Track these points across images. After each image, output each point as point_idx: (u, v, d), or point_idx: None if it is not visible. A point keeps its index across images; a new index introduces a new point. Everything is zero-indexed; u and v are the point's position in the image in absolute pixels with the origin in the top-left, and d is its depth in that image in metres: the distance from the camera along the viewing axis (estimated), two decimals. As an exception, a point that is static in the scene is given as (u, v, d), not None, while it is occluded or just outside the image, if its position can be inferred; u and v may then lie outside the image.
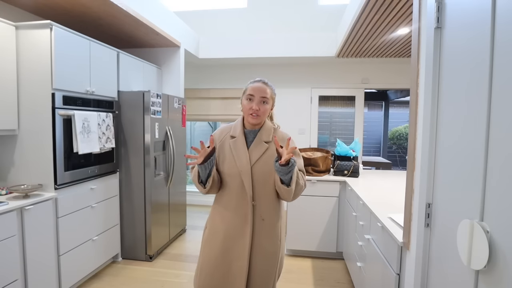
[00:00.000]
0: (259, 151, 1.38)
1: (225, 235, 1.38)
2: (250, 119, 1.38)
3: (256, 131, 1.43)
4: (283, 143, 1.42)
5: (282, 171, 1.25)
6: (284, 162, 1.21)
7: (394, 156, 8.46)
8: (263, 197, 1.37)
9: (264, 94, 1.37)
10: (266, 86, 1.39)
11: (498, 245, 0.76)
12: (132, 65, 3.11)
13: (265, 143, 1.40)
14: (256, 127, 1.43)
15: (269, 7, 4.47)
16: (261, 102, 1.37)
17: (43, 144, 2.14)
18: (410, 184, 1.32)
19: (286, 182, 1.29)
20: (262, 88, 1.37)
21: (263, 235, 1.37)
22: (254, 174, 1.35)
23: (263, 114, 1.38)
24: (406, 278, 1.37)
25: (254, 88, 1.37)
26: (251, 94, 1.37)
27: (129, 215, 2.97)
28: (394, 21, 2.71)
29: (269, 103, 1.40)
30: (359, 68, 4.57)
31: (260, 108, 1.36)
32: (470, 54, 0.91)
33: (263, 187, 1.37)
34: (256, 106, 1.36)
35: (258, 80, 1.41)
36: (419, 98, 1.26)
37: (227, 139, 1.43)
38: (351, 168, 3.14)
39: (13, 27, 2.09)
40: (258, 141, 1.40)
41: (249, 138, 1.43)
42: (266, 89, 1.38)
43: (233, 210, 1.37)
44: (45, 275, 2.08)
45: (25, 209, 1.91)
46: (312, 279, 2.69)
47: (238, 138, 1.41)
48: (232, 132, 1.45)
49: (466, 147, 0.92)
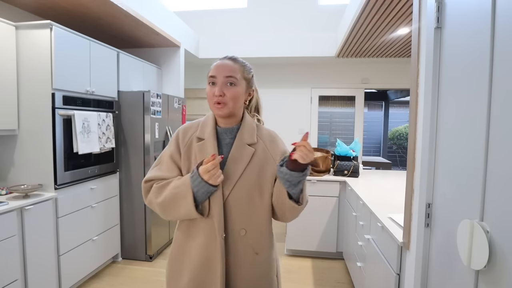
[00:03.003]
0: (242, 159, 1.00)
1: (190, 278, 0.99)
2: (214, 110, 1.01)
3: (234, 129, 1.04)
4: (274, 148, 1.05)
5: (292, 179, 0.91)
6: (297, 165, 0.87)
7: (394, 156, 8.46)
8: (254, 223, 1.00)
9: (229, 72, 0.98)
10: (233, 62, 1.02)
11: (498, 245, 0.76)
12: (132, 65, 3.11)
13: (249, 146, 1.02)
14: (233, 123, 1.05)
15: (269, 7, 4.47)
16: (226, 84, 0.98)
17: (43, 144, 2.14)
18: (410, 184, 1.32)
19: (295, 196, 0.95)
20: (226, 65, 1.00)
21: (257, 274, 1.01)
22: (238, 192, 0.98)
23: (231, 100, 0.98)
24: (406, 278, 1.37)
25: (216, 67, 1.00)
26: (212, 76, 1.00)
27: (129, 215, 2.97)
28: (394, 21, 2.71)
29: (240, 85, 1.00)
30: (359, 68, 4.57)
31: (226, 93, 0.97)
32: (470, 54, 0.91)
33: (253, 210, 1.00)
34: (219, 90, 0.97)
35: (222, 58, 1.04)
36: (419, 98, 1.26)
37: (194, 142, 1.04)
38: (351, 168, 3.14)
39: (13, 27, 2.09)
40: (239, 144, 1.01)
41: (223, 139, 1.04)
42: (233, 66, 1.00)
43: (200, 241, 0.99)
44: (45, 275, 2.08)
45: (25, 209, 1.91)
46: (312, 279, 2.69)
47: (207, 140, 1.02)
48: (199, 132, 1.05)
49: (466, 147, 0.92)
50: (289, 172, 0.90)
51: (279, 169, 0.93)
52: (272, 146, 1.05)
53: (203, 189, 0.93)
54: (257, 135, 1.05)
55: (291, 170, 0.90)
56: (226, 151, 1.03)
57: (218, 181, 0.93)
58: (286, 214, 1.00)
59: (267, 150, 1.04)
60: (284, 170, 0.91)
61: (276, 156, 1.03)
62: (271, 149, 1.04)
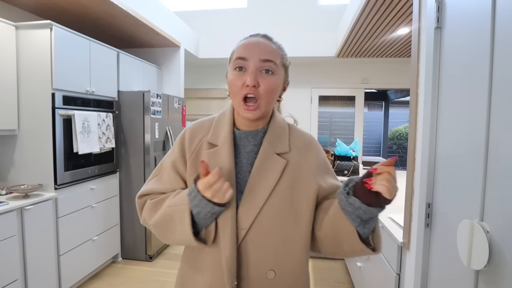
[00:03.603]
0: (271, 174, 0.74)
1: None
2: (242, 111, 0.73)
3: (259, 132, 0.79)
4: (311, 158, 0.79)
5: (367, 216, 0.65)
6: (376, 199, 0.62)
7: (394, 156, 8.45)
8: (288, 262, 0.75)
9: (267, 54, 0.72)
10: (270, 42, 0.76)
11: (498, 245, 0.76)
12: (132, 65, 3.11)
13: (280, 156, 0.76)
14: (259, 125, 0.79)
15: (269, 7, 4.46)
16: (260, 71, 0.72)
17: (43, 144, 2.14)
18: (410, 184, 1.32)
19: (365, 236, 0.69)
20: (262, 45, 0.74)
21: None
22: (265, 219, 0.72)
23: (266, 95, 0.72)
24: (406, 278, 1.37)
25: (248, 45, 0.74)
26: (241, 58, 0.72)
27: (129, 215, 2.97)
28: (394, 21, 2.70)
29: (278, 74, 0.75)
30: (359, 68, 4.57)
31: (261, 83, 0.71)
32: (470, 54, 0.91)
33: (287, 243, 0.74)
34: (253, 79, 0.70)
35: (254, 34, 0.78)
36: (419, 98, 1.26)
37: (203, 148, 0.79)
38: (351, 168, 3.14)
39: (13, 27, 2.09)
40: (266, 154, 0.76)
41: (244, 145, 0.79)
42: (271, 47, 0.75)
43: (207, 279, 0.75)
44: (45, 275, 2.08)
45: (25, 209, 1.91)
46: (312, 279, 2.69)
47: (221, 148, 0.77)
48: (211, 135, 0.80)
49: (466, 147, 0.92)
50: (365, 207, 0.63)
51: (347, 199, 0.66)
52: (308, 156, 0.79)
53: (206, 209, 0.68)
54: (290, 141, 0.80)
55: (368, 205, 0.63)
56: (247, 161, 0.77)
57: (226, 197, 0.66)
58: (345, 255, 0.76)
59: (303, 161, 0.78)
60: (356, 203, 0.64)
61: (314, 170, 0.78)
62: (308, 160, 0.79)
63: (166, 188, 0.80)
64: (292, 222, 0.75)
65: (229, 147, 0.76)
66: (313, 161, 0.79)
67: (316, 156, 0.81)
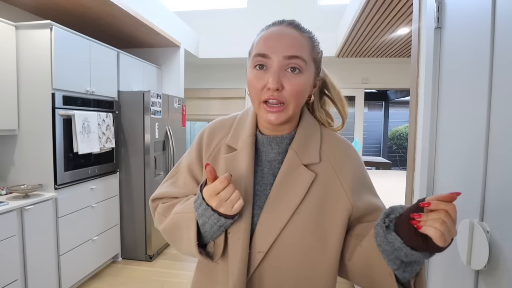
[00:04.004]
0: (296, 188, 0.63)
1: None
2: (263, 114, 0.63)
3: (285, 138, 0.68)
4: (346, 170, 0.66)
5: (409, 259, 0.52)
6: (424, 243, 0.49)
7: (394, 156, 8.46)
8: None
9: (293, 50, 0.60)
10: (298, 31, 0.63)
11: (498, 245, 0.76)
12: (132, 65, 3.11)
13: (308, 168, 0.65)
14: (286, 129, 0.68)
15: (269, 7, 4.47)
16: (285, 70, 0.60)
17: (43, 144, 2.14)
18: (410, 184, 1.32)
19: (404, 280, 0.56)
20: (287, 37, 0.61)
21: None
22: (287, 241, 0.62)
23: (293, 98, 0.61)
24: (406, 278, 1.37)
25: (269, 38, 0.62)
26: (261, 54, 0.61)
27: (129, 215, 2.97)
28: (394, 21, 2.71)
29: (308, 72, 0.63)
30: (359, 68, 4.57)
31: (286, 85, 0.60)
32: (470, 54, 0.91)
33: (312, 269, 0.63)
34: (275, 81, 0.59)
35: (278, 22, 0.65)
36: (419, 98, 1.26)
37: (221, 152, 0.70)
38: (351, 168, 3.13)
39: (13, 27, 2.09)
40: (291, 165, 0.65)
41: (266, 152, 0.68)
42: (299, 39, 0.62)
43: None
44: (45, 275, 2.08)
45: (25, 209, 1.91)
46: (312, 279, 2.68)
47: (240, 153, 0.67)
48: (231, 137, 0.71)
49: (466, 146, 0.92)
50: (408, 250, 0.51)
51: (386, 235, 0.53)
52: (343, 169, 0.66)
53: (211, 220, 0.59)
54: (322, 149, 0.68)
55: (412, 248, 0.50)
56: (268, 171, 0.67)
57: (235, 208, 0.57)
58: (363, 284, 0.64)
59: (335, 175, 0.66)
60: (396, 243, 0.52)
61: (349, 186, 0.65)
62: (342, 174, 0.66)
63: (179, 193, 0.73)
64: (318, 247, 0.63)
65: (249, 153, 0.66)
66: (348, 175, 0.66)
67: (353, 169, 0.67)
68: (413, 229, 0.49)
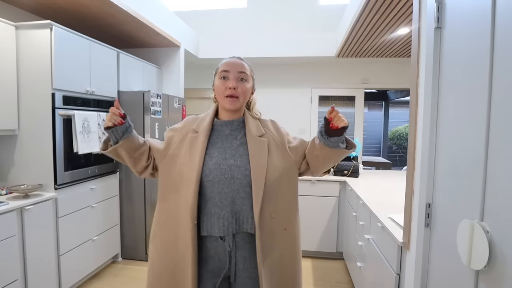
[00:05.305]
0: (262, 150, 1.09)
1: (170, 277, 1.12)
2: (226, 104, 1.09)
3: (234, 122, 1.13)
4: (282, 136, 1.16)
5: (338, 140, 1.02)
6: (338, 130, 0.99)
7: (394, 156, 8.47)
8: (283, 205, 1.11)
9: (241, 68, 1.10)
10: (242, 61, 1.14)
11: (498, 245, 0.76)
12: (132, 65, 3.11)
13: (260, 137, 1.11)
14: (236, 116, 1.14)
15: (269, 7, 4.46)
16: (238, 79, 1.09)
17: (43, 144, 2.14)
18: (410, 184, 1.32)
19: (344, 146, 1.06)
20: (238, 63, 1.11)
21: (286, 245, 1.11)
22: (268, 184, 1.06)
23: (243, 95, 1.09)
24: (406, 278, 1.37)
25: (229, 63, 1.11)
26: (225, 70, 1.09)
27: (129, 215, 2.97)
28: (394, 21, 2.70)
29: (249, 82, 1.13)
30: (359, 68, 4.57)
31: (239, 87, 1.08)
32: (470, 54, 0.91)
33: (283, 193, 1.11)
34: (233, 83, 1.07)
35: (232, 57, 1.15)
36: (419, 98, 1.26)
37: (189, 133, 1.14)
38: (351, 168, 3.14)
39: (13, 27, 2.09)
40: (252, 138, 1.11)
41: (222, 131, 1.13)
42: (244, 64, 1.13)
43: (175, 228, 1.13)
44: (45, 275, 2.08)
45: (25, 209, 1.91)
46: (312, 279, 2.69)
47: (201, 134, 1.11)
48: (196, 125, 1.15)
49: (466, 147, 0.92)
50: (337, 138, 1.01)
51: (327, 139, 1.02)
52: (279, 135, 1.16)
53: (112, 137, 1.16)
54: (262, 126, 1.16)
55: (337, 136, 1.01)
56: (227, 142, 1.12)
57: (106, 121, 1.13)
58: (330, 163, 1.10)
59: (276, 139, 1.14)
60: (333, 139, 1.01)
61: (286, 143, 1.15)
62: (280, 138, 1.15)
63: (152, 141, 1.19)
64: (286, 178, 1.11)
65: (206, 133, 1.11)
66: (284, 137, 1.16)
67: (283, 133, 1.18)
68: (333, 129, 1.00)
